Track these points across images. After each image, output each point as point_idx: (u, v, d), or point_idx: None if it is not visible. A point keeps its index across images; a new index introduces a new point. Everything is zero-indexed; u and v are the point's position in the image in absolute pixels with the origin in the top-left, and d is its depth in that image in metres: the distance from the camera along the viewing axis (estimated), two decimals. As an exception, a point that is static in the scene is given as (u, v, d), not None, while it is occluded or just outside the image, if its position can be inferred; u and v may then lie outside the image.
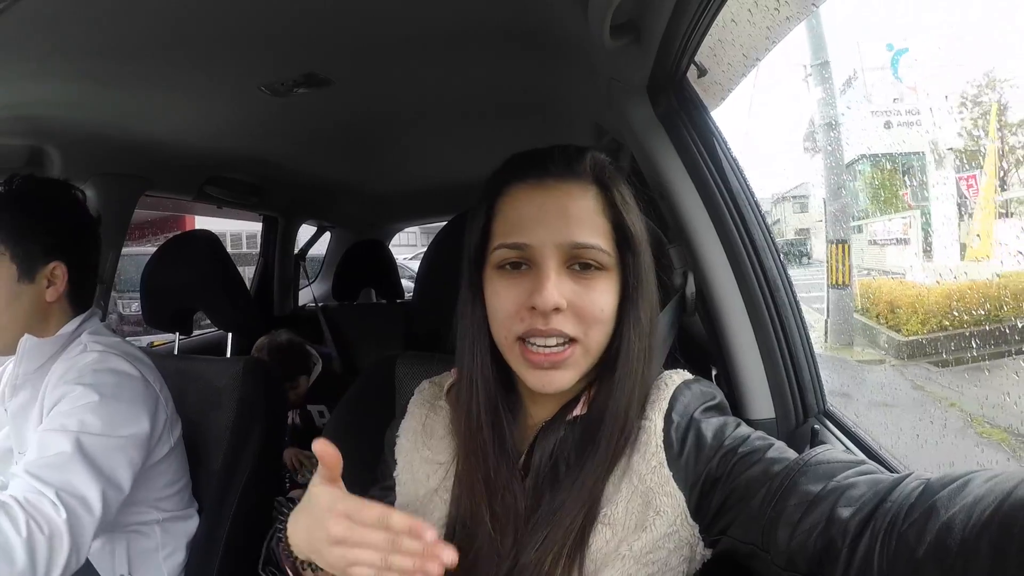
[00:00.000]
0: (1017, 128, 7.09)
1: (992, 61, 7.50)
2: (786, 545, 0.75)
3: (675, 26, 1.09)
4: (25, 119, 1.71)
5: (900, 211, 9.14)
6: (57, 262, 1.50)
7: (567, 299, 0.89)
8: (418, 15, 1.37)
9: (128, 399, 1.44)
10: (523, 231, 0.91)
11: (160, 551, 1.57)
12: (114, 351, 1.50)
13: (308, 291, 4.14)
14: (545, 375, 0.91)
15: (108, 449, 1.36)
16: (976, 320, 4.56)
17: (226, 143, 2.30)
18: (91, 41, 1.34)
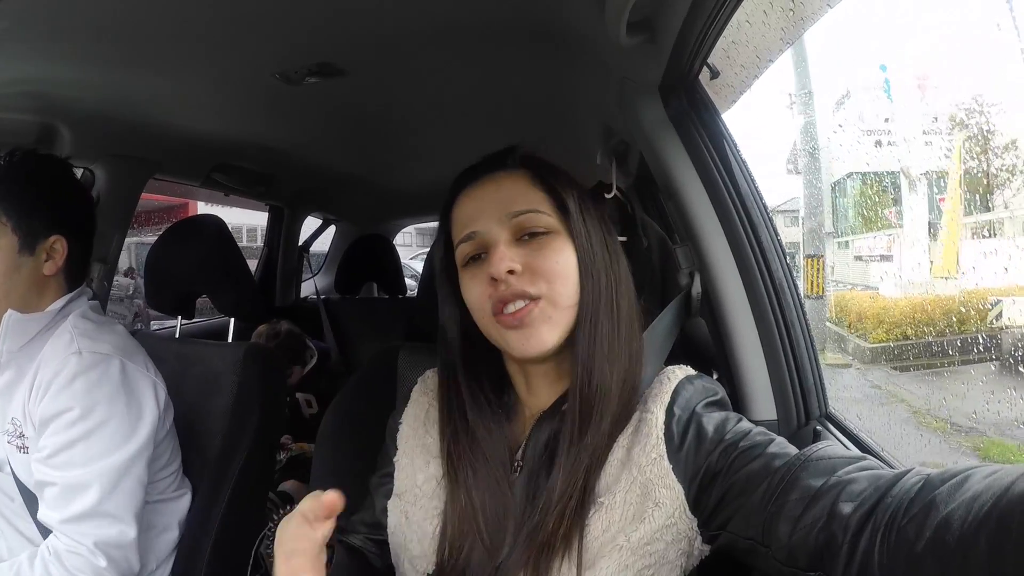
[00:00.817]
0: (981, 154, 7.27)
1: (969, 88, 7.62)
2: (787, 540, 0.75)
3: (690, 25, 1.09)
4: (37, 96, 1.71)
5: (884, 228, 9.30)
6: (58, 236, 1.51)
7: (521, 262, 0.94)
8: (434, 9, 1.38)
9: (124, 410, 1.45)
10: (470, 223, 1.00)
11: (151, 530, 1.56)
12: (102, 351, 1.48)
13: (311, 284, 4.16)
14: (522, 334, 0.94)
15: (124, 475, 1.41)
16: (936, 331, 4.98)
17: (236, 130, 2.30)
18: (105, 21, 1.34)
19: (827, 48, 5.78)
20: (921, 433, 3.87)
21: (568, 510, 0.87)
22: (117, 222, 2.26)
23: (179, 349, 1.93)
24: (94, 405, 1.40)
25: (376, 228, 4.32)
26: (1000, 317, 3.85)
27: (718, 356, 1.30)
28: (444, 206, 1.08)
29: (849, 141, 9.94)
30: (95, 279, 2.19)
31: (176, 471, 1.64)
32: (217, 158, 2.63)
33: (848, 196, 10.51)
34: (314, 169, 3.06)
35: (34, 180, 1.50)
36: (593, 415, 0.92)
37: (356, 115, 2.16)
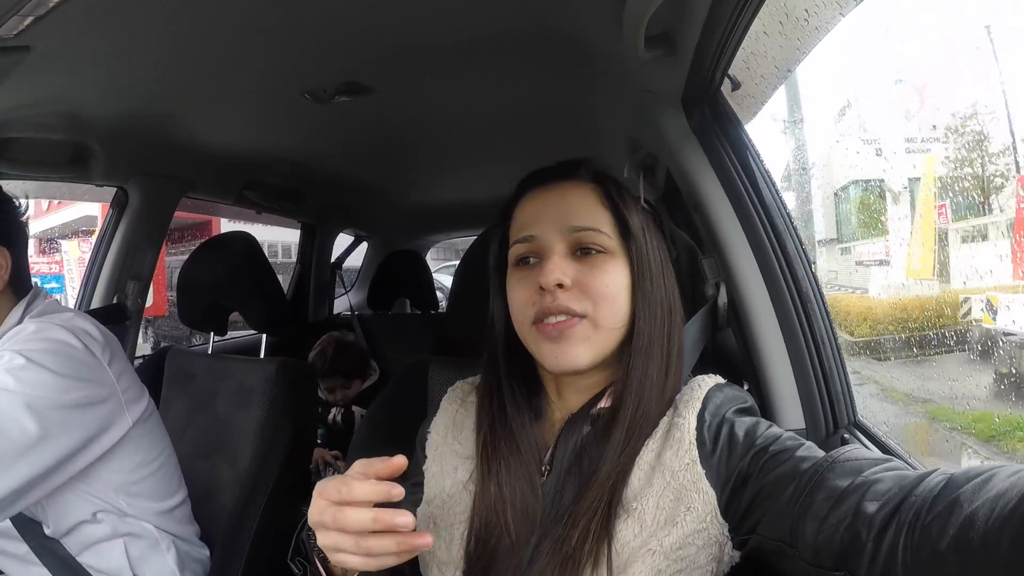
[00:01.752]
0: (974, 162, 7.37)
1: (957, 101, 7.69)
2: (813, 539, 0.75)
3: (708, 38, 1.11)
4: (70, 116, 1.73)
5: (883, 234, 9.43)
6: (2, 248, 1.42)
7: (572, 278, 0.94)
8: (457, 27, 1.40)
9: (57, 368, 1.32)
10: (530, 226, 1.00)
11: (160, 543, 1.51)
12: (55, 322, 1.40)
13: (344, 300, 4.19)
14: (557, 348, 0.94)
15: (9, 402, 1.24)
16: (914, 327, 5.29)
17: (267, 148, 2.33)
18: (139, 42, 1.37)
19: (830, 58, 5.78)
20: (884, 404, 4.28)
21: (593, 525, 0.87)
22: (151, 240, 2.30)
23: (211, 364, 1.96)
24: (28, 352, 1.31)
25: (408, 244, 4.36)
26: (969, 314, 4.29)
27: (745, 366, 1.30)
28: (507, 203, 1.08)
29: (851, 151, 9.96)
30: (130, 297, 2.23)
31: (159, 470, 1.54)
32: (248, 176, 2.65)
33: (850, 204, 10.53)
34: (344, 186, 3.08)
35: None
36: (632, 438, 0.93)
37: (384, 132, 2.18)
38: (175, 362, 2.02)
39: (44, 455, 1.26)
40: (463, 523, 0.98)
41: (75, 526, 1.41)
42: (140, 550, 1.47)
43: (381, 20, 1.35)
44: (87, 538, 1.42)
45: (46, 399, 1.27)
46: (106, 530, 1.43)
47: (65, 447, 1.30)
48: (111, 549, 1.44)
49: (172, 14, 1.26)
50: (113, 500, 1.43)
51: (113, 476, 1.43)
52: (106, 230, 2.26)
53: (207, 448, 1.83)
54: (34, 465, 1.25)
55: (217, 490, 1.78)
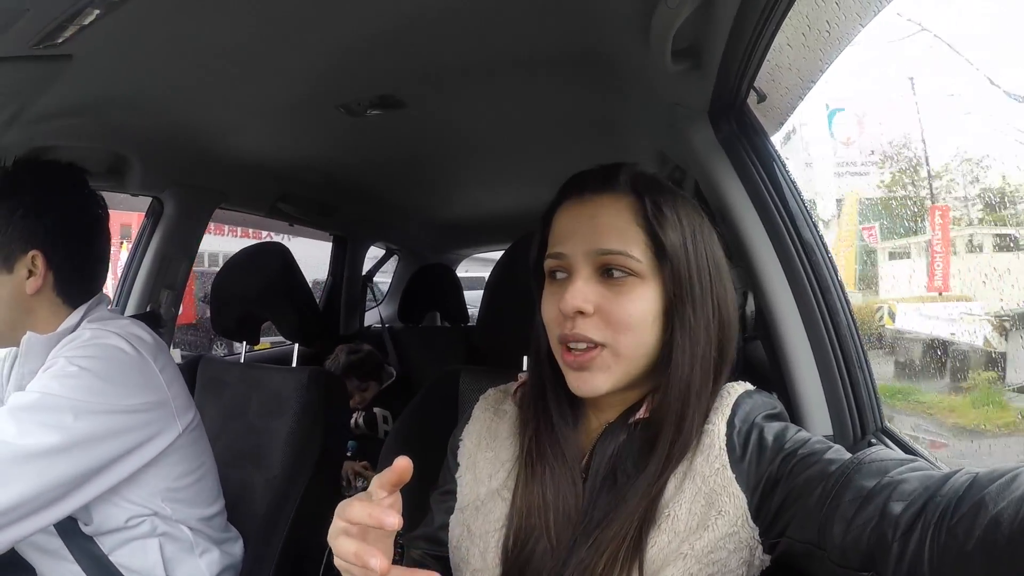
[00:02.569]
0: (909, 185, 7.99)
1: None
2: (841, 540, 0.76)
3: (733, 51, 1.13)
4: (108, 126, 1.75)
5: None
6: (36, 251, 1.38)
7: (595, 303, 0.92)
8: (489, 42, 1.42)
9: (107, 375, 1.32)
10: (562, 242, 0.97)
11: (195, 548, 1.51)
12: (110, 329, 1.40)
13: (374, 313, 4.22)
14: (578, 376, 0.94)
15: (56, 406, 1.25)
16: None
17: (301, 161, 2.36)
18: (177, 54, 1.39)
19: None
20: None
21: (628, 537, 0.88)
22: (184, 250, 2.33)
23: (243, 373, 1.98)
24: (81, 359, 1.31)
25: (438, 258, 4.39)
26: (882, 319, 5.29)
27: (772, 373, 1.31)
28: (548, 208, 1.05)
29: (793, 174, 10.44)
30: (163, 305, 2.27)
31: (200, 480, 1.54)
32: (282, 189, 2.68)
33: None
34: (376, 199, 3.11)
35: (9, 191, 1.38)
36: (659, 444, 0.93)
37: (416, 146, 2.20)
38: (208, 371, 2.05)
39: (87, 457, 1.27)
40: (498, 530, 0.99)
41: (115, 527, 1.41)
42: (174, 551, 1.47)
43: (415, 36, 1.37)
44: (124, 537, 1.43)
45: (92, 404, 1.28)
46: (144, 529, 1.44)
47: (112, 451, 1.31)
48: (146, 548, 1.44)
49: (211, 27, 1.28)
50: (156, 505, 1.44)
51: (159, 482, 1.43)
52: (141, 239, 2.29)
53: (239, 456, 1.85)
54: (78, 465, 1.25)
55: (248, 497, 1.79)
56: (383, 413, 3.06)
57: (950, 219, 5.82)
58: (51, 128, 1.64)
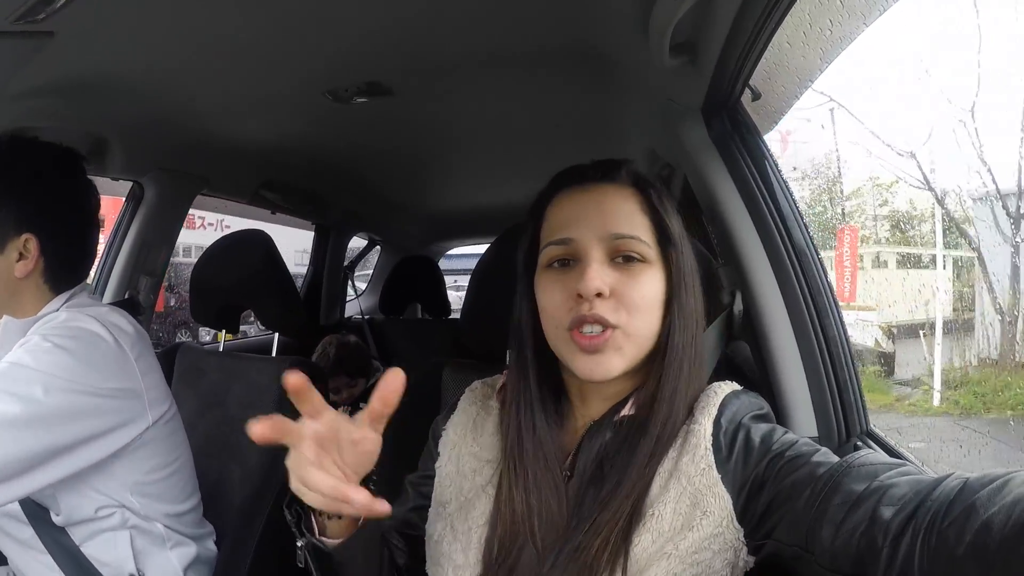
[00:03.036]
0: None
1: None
2: (830, 544, 0.75)
3: (731, 47, 1.12)
4: (89, 108, 1.73)
5: None
6: (29, 235, 1.36)
7: (610, 286, 0.92)
8: (480, 32, 1.41)
9: (81, 356, 1.30)
10: (567, 228, 0.96)
11: (166, 542, 1.49)
12: (88, 313, 1.38)
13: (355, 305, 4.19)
14: (591, 359, 0.93)
15: (27, 379, 1.23)
16: None
17: (285, 148, 2.33)
18: (161, 35, 1.37)
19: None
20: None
21: (614, 535, 0.87)
22: (164, 236, 2.30)
23: (222, 362, 1.96)
24: (56, 338, 1.29)
25: (421, 250, 4.36)
26: None
27: (759, 373, 1.31)
28: (539, 199, 1.05)
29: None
30: (142, 292, 2.23)
31: (175, 473, 1.52)
32: (265, 175, 2.65)
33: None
34: (360, 189, 3.09)
35: (3, 171, 1.37)
36: (646, 438, 0.93)
37: (402, 136, 2.19)
38: (186, 359, 2.02)
39: (51, 434, 1.24)
40: (481, 527, 0.98)
41: (84, 518, 1.39)
42: (144, 544, 1.45)
43: (406, 24, 1.36)
44: (94, 528, 1.41)
45: (63, 382, 1.25)
46: (114, 522, 1.42)
47: (77, 432, 1.28)
48: (116, 540, 1.42)
49: (196, 8, 1.27)
50: (125, 499, 1.42)
51: (128, 475, 1.41)
52: (120, 224, 2.25)
53: (216, 446, 1.83)
54: (41, 440, 1.22)
55: (225, 489, 1.77)
56: None
57: (858, 237, 6.71)
58: (30, 108, 1.61)
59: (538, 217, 1.03)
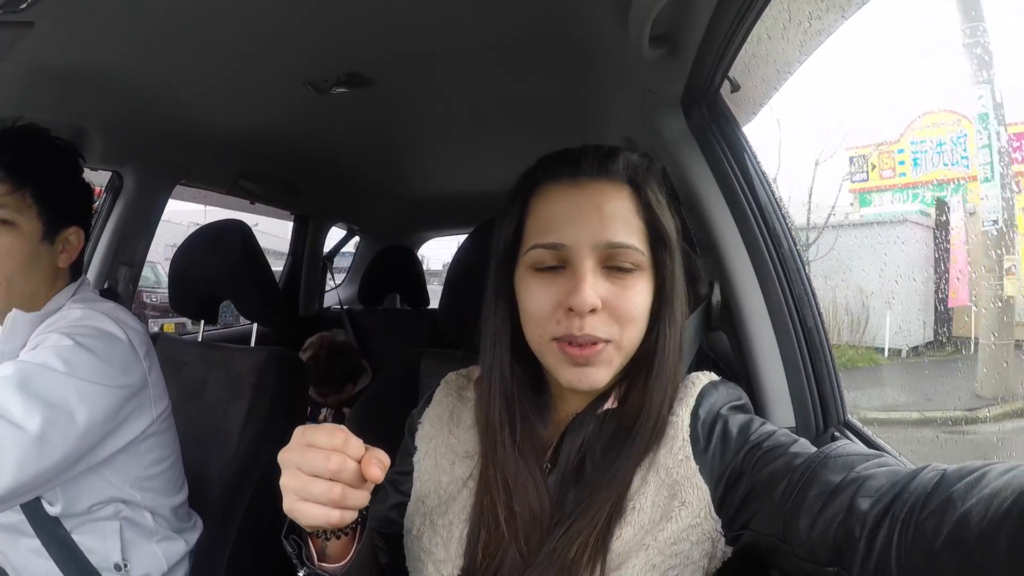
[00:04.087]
0: None
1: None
2: (807, 535, 0.75)
3: (711, 39, 1.12)
4: (68, 98, 1.72)
5: None
6: (76, 228, 1.45)
7: (602, 299, 0.89)
8: (460, 22, 1.40)
9: (103, 355, 1.33)
10: (558, 231, 0.91)
11: (154, 536, 1.50)
12: (99, 310, 1.42)
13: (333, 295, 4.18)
14: (581, 371, 0.91)
15: (62, 385, 1.24)
16: None
17: (264, 138, 2.31)
18: (140, 24, 1.36)
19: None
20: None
21: (595, 532, 0.87)
22: (144, 226, 2.29)
23: (201, 352, 1.95)
24: (76, 335, 1.32)
25: (400, 240, 4.34)
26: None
27: (737, 363, 1.31)
28: (524, 183, 0.99)
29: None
30: (121, 282, 2.21)
31: (170, 468, 1.55)
32: (244, 166, 2.63)
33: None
34: (340, 179, 3.07)
35: (60, 162, 1.44)
36: (636, 435, 0.92)
37: (382, 125, 2.17)
38: (165, 349, 2.00)
39: (84, 443, 1.27)
40: (463, 521, 0.97)
41: (79, 511, 1.40)
42: (133, 536, 1.47)
43: (387, 14, 1.35)
44: (88, 517, 1.42)
45: (93, 386, 1.29)
46: (108, 512, 1.43)
47: (101, 434, 1.32)
48: (107, 530, 1.43)
49: None
50: (125, 492, 1.44)
51: (131, 469, 1.43)
52: (99, 214, 2.23)
53: (196, 437, 1.81)
54: (74, 452, 1.26)
55: (205, 479, 1.77)
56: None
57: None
58: (9, 97, 1.61)
59: (523, 206, 0.98)
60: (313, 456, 0.74)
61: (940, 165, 7.72)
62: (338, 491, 0.74)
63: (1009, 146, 4.40)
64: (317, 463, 0.74)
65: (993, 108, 3.93)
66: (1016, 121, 5.22)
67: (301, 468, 0.75)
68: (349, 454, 0.75)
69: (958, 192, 6.92)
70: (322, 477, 0.74)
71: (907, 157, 9.05)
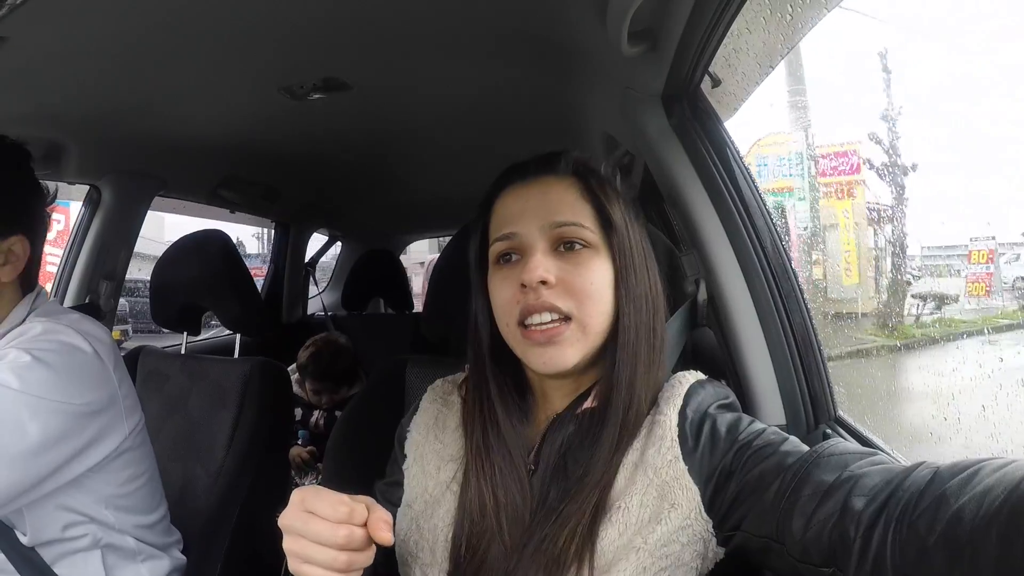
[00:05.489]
0: None
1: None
2: (801, 535, 0.75)
3: (691, 34, 1.10)
4: (43, 112, 1.70)
5: None
6: (20, 236, 1.30)
7: (556, 276, 0.93)
8: (437, 22, 1.39)
9: (63, 371, 1.24)
10: (511, 223, 0.98)
11: (137, 556, 1.45)
12: (64, 323, 1.33)
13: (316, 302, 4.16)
14: (544, 352, 0.93)
15: (13, 401, 1.16)
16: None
17: (242, 146, 2.29)
18: (114, 37, 1.35)
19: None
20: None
21: (580, 526, 0.87)
22: (123, 239, 2.27)
23: (185, 365, 1.93)
24: (37, 351, 1.22)
25: (382, 243, 4.32)
26: None
27: (725, 361, 1.30)
28: (485, 198, 1.06)
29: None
30: (102, 297, 2.19)
31: (146, 484, 1.47)
32: (223, 174, 2.62)
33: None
34: (320, 184, 3.06)
35: (7, 165, 1.31)
36: (608, 427, 0.92)
37: (361, 129, 2.16)
38: (148, 363, 1.99)
39: (40, 463, 1.20)
40: (448, 525, 0.97)
41: (52, 538, 1.34)
42: (116, 560, 1.42)
43: (359, 14, 1.34)
44: (65, 548, 1.36)
45: (49, 403, 1.20)
46: (86, 542, 1.37)
47: (62, 455, 1.24)
48: (88, 560, 1.38)
49: (147, 10, 1.25)
50: (99, 513, 1.37)
51: (102, 488, 1.36)
52: (78, 229, 2.22)
53: (181, 450, 1.81)
54: (29, 472, 1.18)
55: (191, 494, 1.75)
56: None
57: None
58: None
59: (486, 214, 1.05)
60: (318, 527, 0.74)
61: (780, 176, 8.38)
62: (344, 559, 0.74)
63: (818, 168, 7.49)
64: (324, 535, 0.74)
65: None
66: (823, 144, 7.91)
67: (304, 536, 0.75)
68: (355, 523, 0.74)
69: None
70: (327, 547, 0.74)
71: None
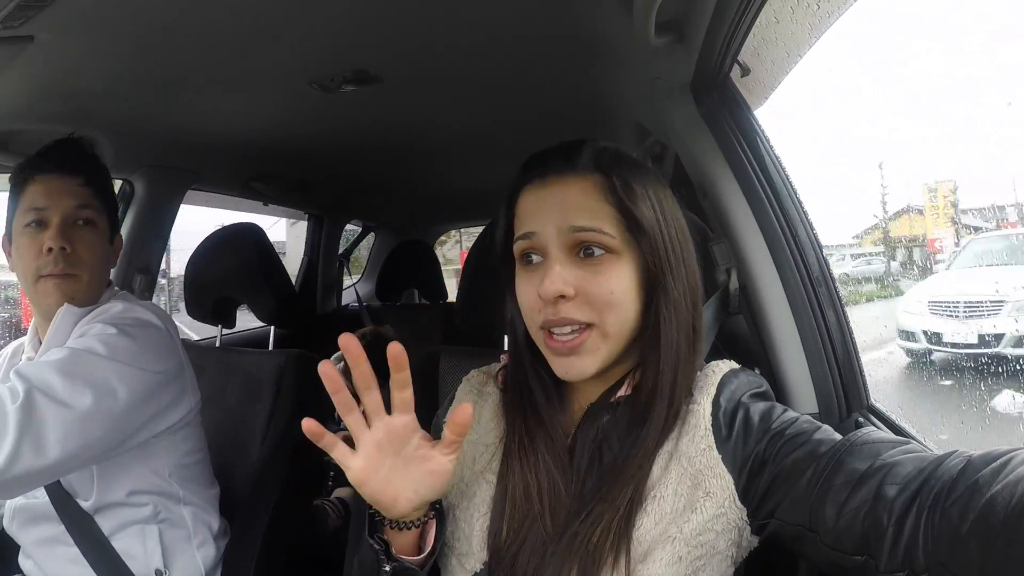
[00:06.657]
0: None
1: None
2: (834, 523, 0.76)
3: (718, 24, 1.10)
4: (76, 107, 1.72)
5: None
6: (118, 234, 1.62)
7: (575, 285, 0.90)
8: (467, 16, 1.39)
9: (142, 341, 1.42)
10: (529, 221, 0.95)
11: (192, 539, 1.53)
12: (140, 305, 1.53)
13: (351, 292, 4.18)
14: (566, 361, 0.93)
15: (104, 367, 1.32)
16: None
17: (273, 139, 2.30)
18: (144, 33, 1.36)
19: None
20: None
21: (617, 517, 0.87)
22: (157, 233, 2.30)
23: (220, 357, 1.96)
24: (119, 324, 1.42)
25: (416, 234, 4.34)
26: None
27: (757, 351, 1.30)
28: (510, 191, 1.03)
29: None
30: (137, 291, 2.22)
31: (202, 460, 1.62)
32: (255, 167, 2.63)
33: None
34: (352, 176, 3.06)
35: (108, 176, 1.62)
36: (648, 420, 0.92)
37: (393, 122, 2.15)
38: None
39: (127, 421, 1.34)
40: (484, 515, 0.97)
41: (116, 501, 1.44)
42: (173, 541, 1.50)
43: (390, 9, 1.33)
44: (127, 517, 1.45)
45: (132, 369, 1.36)
46: (146, 512, 1.47)
47: (144, 416, 1.39)
48: (146, 534, 1.47)
49: (176, 4, 1.25)
50: (163, 480, 1.50)
51: (170, 456, 1.50)
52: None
53: (219, 443, 1.81)
54: (118, 430, 1.33)
55: (229, 485, 1.76)
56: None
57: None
58: (15, 111, 1.62)
59: (509, 207, 1.02)
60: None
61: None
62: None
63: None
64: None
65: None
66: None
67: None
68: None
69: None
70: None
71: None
